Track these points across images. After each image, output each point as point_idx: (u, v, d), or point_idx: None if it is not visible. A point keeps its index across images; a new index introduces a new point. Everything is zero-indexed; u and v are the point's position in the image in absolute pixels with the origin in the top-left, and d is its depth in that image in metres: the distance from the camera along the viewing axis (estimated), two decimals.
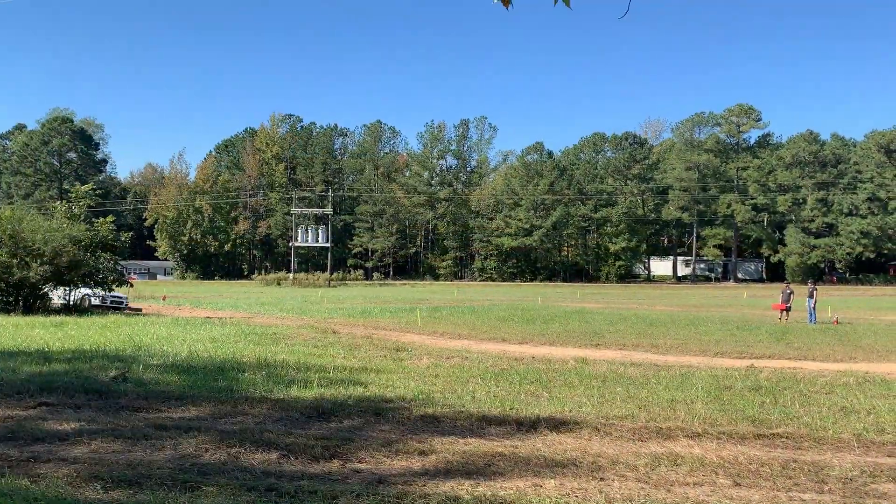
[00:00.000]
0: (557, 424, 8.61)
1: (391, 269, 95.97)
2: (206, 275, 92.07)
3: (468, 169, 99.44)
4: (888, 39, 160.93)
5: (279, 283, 73.39)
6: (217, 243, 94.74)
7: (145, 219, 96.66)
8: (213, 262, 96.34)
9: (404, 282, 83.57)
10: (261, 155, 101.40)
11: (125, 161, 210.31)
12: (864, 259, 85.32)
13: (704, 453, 7.44)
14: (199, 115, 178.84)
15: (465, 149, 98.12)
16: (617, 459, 7.21)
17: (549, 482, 6.35)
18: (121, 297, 30.12)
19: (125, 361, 12.68)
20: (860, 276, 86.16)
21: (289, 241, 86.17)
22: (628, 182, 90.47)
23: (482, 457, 7.15)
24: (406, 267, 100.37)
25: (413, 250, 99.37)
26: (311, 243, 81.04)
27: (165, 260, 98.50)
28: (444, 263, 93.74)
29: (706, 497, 6.06)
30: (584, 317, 28.12)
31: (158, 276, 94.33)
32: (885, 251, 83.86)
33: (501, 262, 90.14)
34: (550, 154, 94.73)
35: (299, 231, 79.78)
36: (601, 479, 6.56)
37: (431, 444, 7.62)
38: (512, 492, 6.06)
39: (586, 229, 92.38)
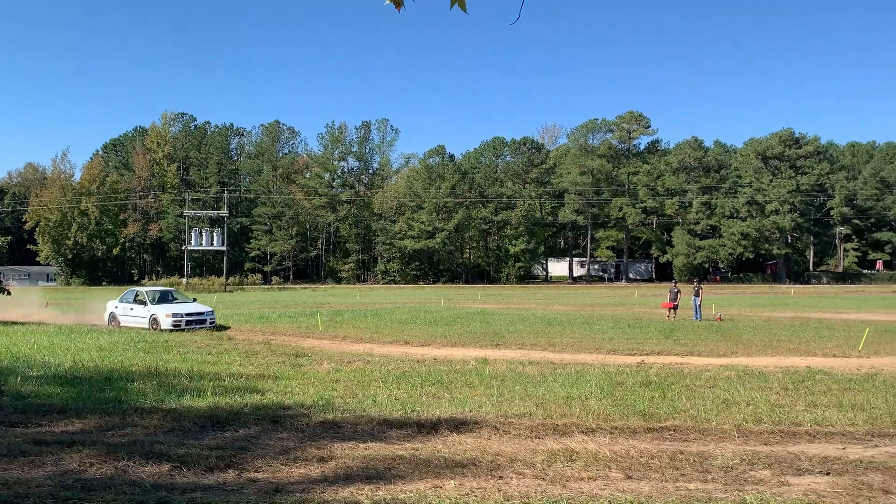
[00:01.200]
0: (458, 425, 8.69)
1: (291, 272, 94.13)
2: (93, 280, 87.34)
3: (370, 171, 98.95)
4: (763, 53, 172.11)
5: None
6: (105, 247, 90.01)
7: (25, 221, 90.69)
8: (100, 266, 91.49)
9: (305, 286, 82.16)
10: (151, 155, 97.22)
11: (2, 161, 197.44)
12: (744, 259, 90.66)
13: (598, 448, 7.70)
14: (85, 113, 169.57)
15: (367, 151, 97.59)
16: (515, 457, 7.35)
17: (448, 483, 6.40)
18: (203, 313, 23.30)
19: (0, 374, 11.86)
20: (741, 275, 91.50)
21: (182, 245, 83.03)
22: (527, 186, 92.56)
23: (382, 461, 7.13)
24: (307, 270, 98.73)
25: (314, 253, 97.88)
26: (205, 247, 78.34)
27: (48, 265, 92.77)
28: (347, 266, 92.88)
29: (599, 491, 6.26)
30: (486, 318, 28.52)
31: (40, 283, 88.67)
32: (763, 252, 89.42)
33: (404, 264, 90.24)
34: (452, 157, 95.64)
35: (193, 234, 76.93)
36: (500, 477, 6.67)
37: (331, 450, 7.53)
38: (412, 494, 6.07)
39: (487, 231, 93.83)
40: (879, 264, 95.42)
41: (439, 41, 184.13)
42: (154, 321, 22.54)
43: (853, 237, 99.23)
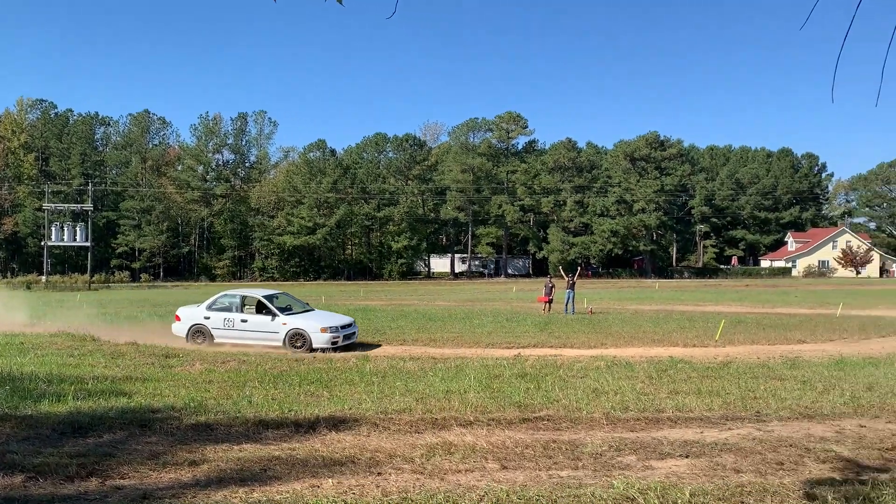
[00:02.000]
0: (337, 423, 8.61)
1: (162, 270, 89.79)
2: None
3: (247, 164, 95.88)
4: (631, 58, 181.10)
5: (29, 287, 65.58)
6: None
7: None
8: None
9: (177, 283, 78.66)
10: (5, 143, 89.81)
11: None
12: (613, 255, 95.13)
13: (476, 440, 7.85)
14: None
15: (244, 143, 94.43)
16: (394, 453, 7.37)
17: (326, 482, 6.33)
18: (353, 324, 18.26)
19: None
20: (611, 270, 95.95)
21: (41, 240, 77.36)
22: (409, 182, 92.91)
23: (258, 462, 6.96)
24: (179, 268, 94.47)
25: (187, 249, 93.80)
26: (67, 242, 73.28)
27: None
28: (222, 263, 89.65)
29: (476, 482, 6.39)
30: (368, 314, 28.38)
31: None
32: (631, 248, 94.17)
33: (283, 261, 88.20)
34: (333, 152, 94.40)
35: (53, 229, 71.73)
36: (378, 473, 6.66)
37: (203, 453, 7.26)
38: (288, 495, 5.96)
39: (370, 228, 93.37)
40: (734, 260, 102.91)
41: (320, 34, 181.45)
42: (296, 337, 17.00)
43: (711, 235, 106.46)
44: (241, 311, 17.99)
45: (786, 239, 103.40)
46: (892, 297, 42.40)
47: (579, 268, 55.75)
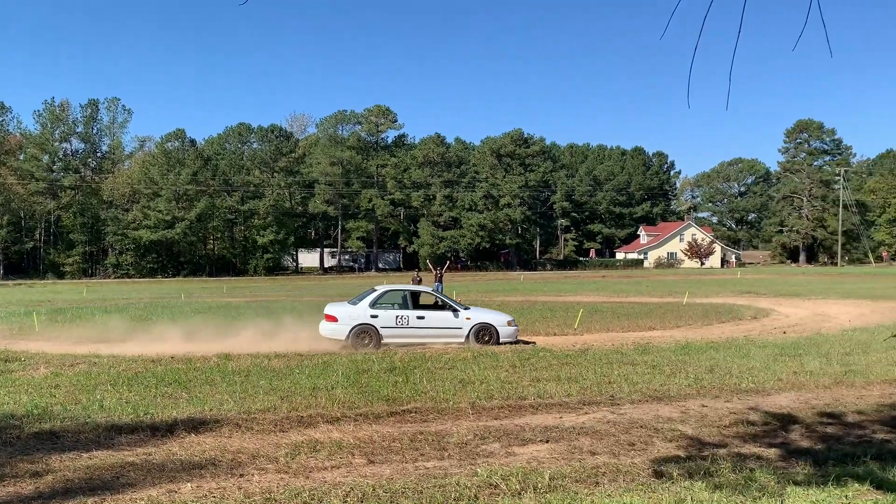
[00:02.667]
0: (197, 425, 8.28)
1: (2, 267, 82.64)
2: None
3: (98, 154, 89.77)
4: (495, 59, 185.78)
5: None
6: None
7: None
8: None
9: (20, 281, 72.57)
10: None
11: None
12: (481, 248, 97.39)
13: (342, 436, 7.79)
14: None
15: (95, 132, 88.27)
16: (258, 453, 7.19)
17: (185, 486, 6.08)
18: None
19: None
20: (478, 263, 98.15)
21: None
22: (275, 174, 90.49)
23: (110, 469, 6.56)
24: (22, 265, 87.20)
25: (31, 245, 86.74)
26: None
27: None
28: (71, 259, 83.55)
29: (342, 478, 6.35)
30: (230, 311, 27.43)
31: None
32: (498, 241, 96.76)
33: (140, 256, 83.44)
34: (193, 142, 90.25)
35: None
36: (241, 475, 6.47)
37: (48, 463, 6.76)
38: (143, 502, 5.67)
39: (233, 222, 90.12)
40: (592, 252, 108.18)
41: (180, 17, 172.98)
42: (483, 332, 16.19)
43: (572, 228, 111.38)
44: (413, 308, 16.58)
45: (638, 232, 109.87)
46: (731, 285, 46.10)
47: (448, 261, 56.51)
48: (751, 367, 12.41)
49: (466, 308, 17.07)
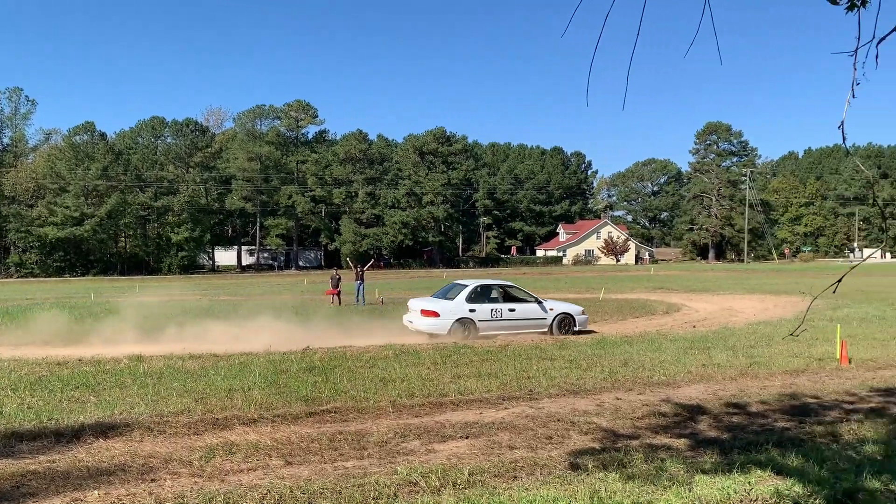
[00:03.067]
0: (105, 430, 7.94)
1: None
2: None
3: None
4: (420, 54, 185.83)
5: None
6: None
7: None
8: None
9: None
10: None
11: None
12: (404, 246, 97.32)
13: (259, 438, 7.64)
14: None
15: None
16: (170, 457, 6.96)
17: (91, 494, 5.82)
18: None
19: None
20: (402, 260, 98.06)
21: None
22: (191, 170, 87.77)
23: (9, 479, 6.22)
24: None
25: None
26: None
27: None
28: None
29: (259, 480, 6.22)
30: (143, 311, 26.47)
31: None
32: (421, 239, 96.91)
33: (45, 255, 79.38)
34: (104, 136, 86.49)
35: None
36: (153, 480, 6.26)
37: None
38: None
39: (146, 218, 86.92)
40: (514, 250, 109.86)
41: (89, 5, 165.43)
42: (564, 322, 18.01)
43: (494, 226, 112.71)
44: (504, 301, 17.92)
45: (558, 230, 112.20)
46: (644, 281, 47.64)
47: (372, 259, 56.22)
48: (662, 361, 12.85)
49: (546, 301, 18.63)
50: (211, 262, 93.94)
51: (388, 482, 6.01)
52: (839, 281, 3.68)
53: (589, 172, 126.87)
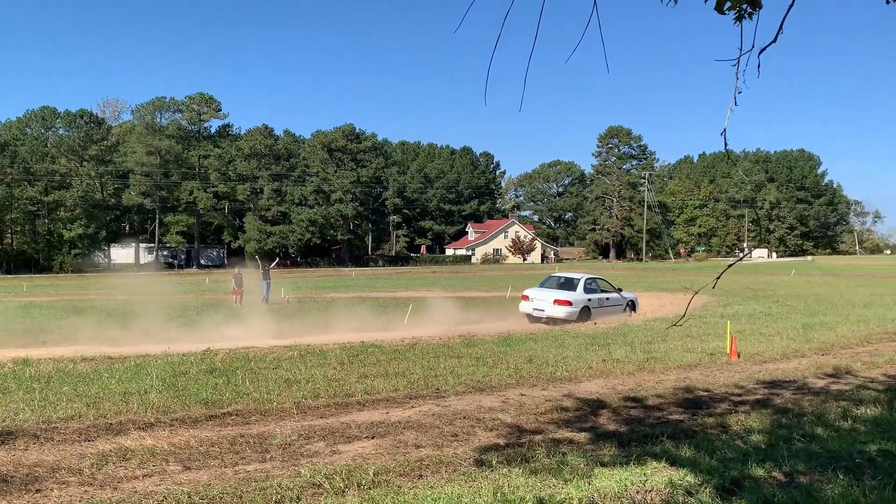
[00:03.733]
0: None
1: None
2: None
3: None
4: (329, 51, 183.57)
5: None
6: None
7: None
8: None
9: None
10: None
11: None
12: (312, 244, 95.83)
13: (156, 443, 7.34)
14: None
15: None
16: (58, 465, 6.59)
17: None
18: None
19: None
20: (309, 259, 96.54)
21: None
22: (85, 164, 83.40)
23: None
24: None
25: None
26: None
27: None
28: None
29: (155, 487, 5.98)
30: (31, 312, 25.01)
31: None
32: (329, 237, 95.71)
33: None
34: None
35: None
36: (37, 490, 5.91)
37: None
38: None
39: (35, 214, 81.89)
40: (423, 248, 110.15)
41: None
42: (628, 306, 23.16)
43: (403, 225, 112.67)
44: (601, 292, 22.35)
45: (467, 229, 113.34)
46: None
47: (277, 257, 55.09)
48: (565, 357, 13.20)
49: (622, 291, 23.68)
50: (107, 261, 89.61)
51: (291, 485, 5.90)
52: (718, 278, 3.89)
53: (497, 173, 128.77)
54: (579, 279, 22.03)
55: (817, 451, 6.51)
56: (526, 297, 21.85)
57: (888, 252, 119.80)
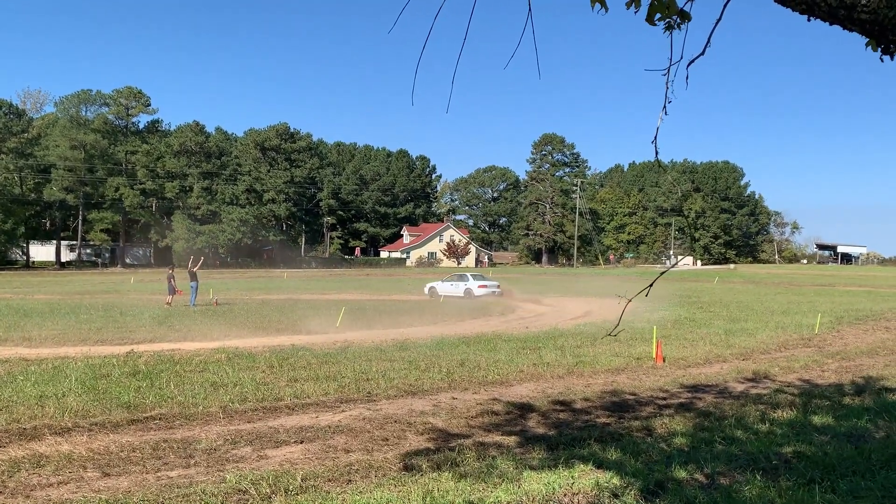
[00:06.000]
0: None
1: None
2: None
3: None
4: (263, 50, 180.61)
5: None
6: None
7: None
8: None
9: None
10: None
11: None
12: (243, 244, 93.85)
13: (73, 448, 7.06)
14: None
15: None
16: None
17: None
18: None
19: None
20: (240, 259, 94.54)
21: None
22: (3, 156, 79.64)
23: None
24: None
25: None
26: None
27: None
28: None
29: (71, 494, 5.74)
30: None
31: None
32: (261, 237, 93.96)
33: None
34: None
35: None
36: None
37: None
38: None
39: None
40: (358, 251, 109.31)
41: None
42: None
43: (338, 226, 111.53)
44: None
45: (402, 232, 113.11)
46: None
47: (202, 257, 53.72)
48: (497, 360, 13.30)
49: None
50: (25, 258, 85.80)
51: (215, 491, 5.75)
52: (650, 286, 3.96)
53: (433, 176, 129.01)
54: (468, 274, 35.84)
55: (737, 454, 6.74)
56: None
57: (805, 261, 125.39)
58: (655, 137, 3.20)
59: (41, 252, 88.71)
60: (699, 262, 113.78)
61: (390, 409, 9.18)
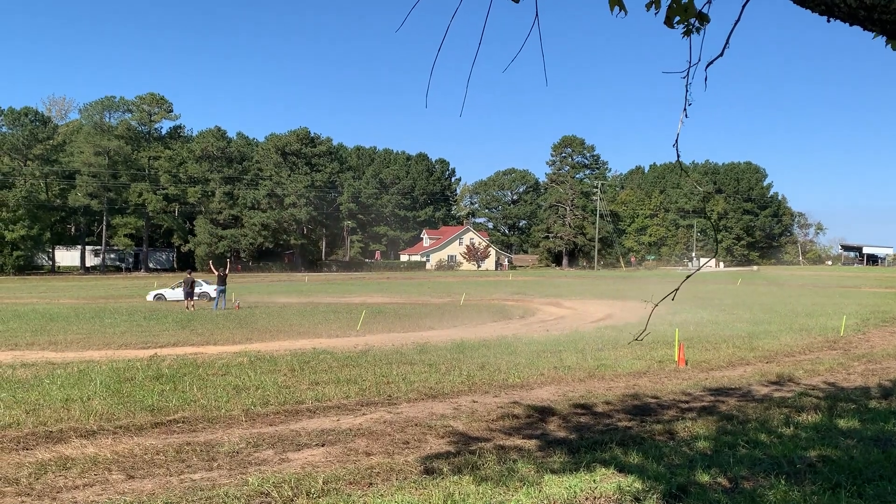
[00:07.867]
0: None
1: None
2: None
3: None
4: (283, 55, 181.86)
5: None
6: None
7: None
8: None
9: None
10: None
11: None
12: (264, 248, 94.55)
13: (98, 451, 7.14)
14: None
15: None
16: None
17: None
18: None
19: None
20: (261, 263, 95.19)
21: None
22: (29, 163, 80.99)
23: None
24: None
25: None
26: None
27: None
28: None
29: (96, 497, 5.81)
30: None
31: None
32: (282, 242, 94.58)
33: None
34: None
35: None
36: None
37: None
38: None
39: None
40: (378, 254, 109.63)
41: None
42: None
43: (358, 230, 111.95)
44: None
45: (421, 235, 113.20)
46: (503, 287, 49.10)
47: (227, 261, 54.12)
48: (517, 364, 13.27)
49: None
50: (51, 263, 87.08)
51: (237, 493, 5.79)
52: (676, 290, 3.94)
53: (453, 179, 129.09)
54: (181, 282, 33.77)
55: (761, 457, 6.67)
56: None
57: (829, 263, 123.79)
58: (677, 140, 3.19)
59: (66, 257, 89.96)
60: (722, 264, 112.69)
61: (411, 413, 9.19)
